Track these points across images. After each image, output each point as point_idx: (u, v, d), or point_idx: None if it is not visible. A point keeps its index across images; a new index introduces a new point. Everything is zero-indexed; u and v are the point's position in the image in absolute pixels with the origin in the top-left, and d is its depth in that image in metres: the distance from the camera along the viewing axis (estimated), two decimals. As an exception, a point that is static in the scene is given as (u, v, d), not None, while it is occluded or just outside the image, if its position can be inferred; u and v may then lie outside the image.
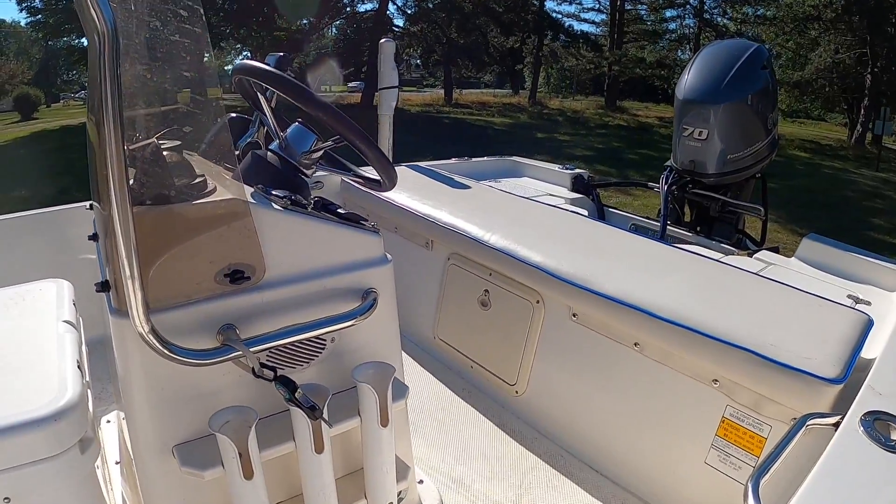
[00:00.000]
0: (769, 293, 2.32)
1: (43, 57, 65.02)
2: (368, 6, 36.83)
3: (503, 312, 2.87)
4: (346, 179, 2.33)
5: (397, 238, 3.38)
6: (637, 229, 4.13)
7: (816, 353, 1.94)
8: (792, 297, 2.29)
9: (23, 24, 50.44)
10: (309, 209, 1.77)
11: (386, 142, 4.20)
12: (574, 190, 4.49)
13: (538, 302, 2.70)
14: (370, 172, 2.16)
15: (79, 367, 1.58)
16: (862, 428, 1.57)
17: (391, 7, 36.27)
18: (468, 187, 3.64)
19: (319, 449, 1.67)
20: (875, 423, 1.58)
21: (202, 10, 1.64)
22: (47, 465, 1.36)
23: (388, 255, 1.94)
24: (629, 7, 43.19)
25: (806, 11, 34.07)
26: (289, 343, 1.71)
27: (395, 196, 3.25)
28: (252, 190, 1.72)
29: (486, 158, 5.00)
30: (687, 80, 3.96)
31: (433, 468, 2.52)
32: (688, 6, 40.98)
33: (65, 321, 1.82)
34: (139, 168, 1.53)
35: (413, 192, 3.38)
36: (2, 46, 69.48)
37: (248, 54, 40.36)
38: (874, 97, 32.03)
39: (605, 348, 2.46)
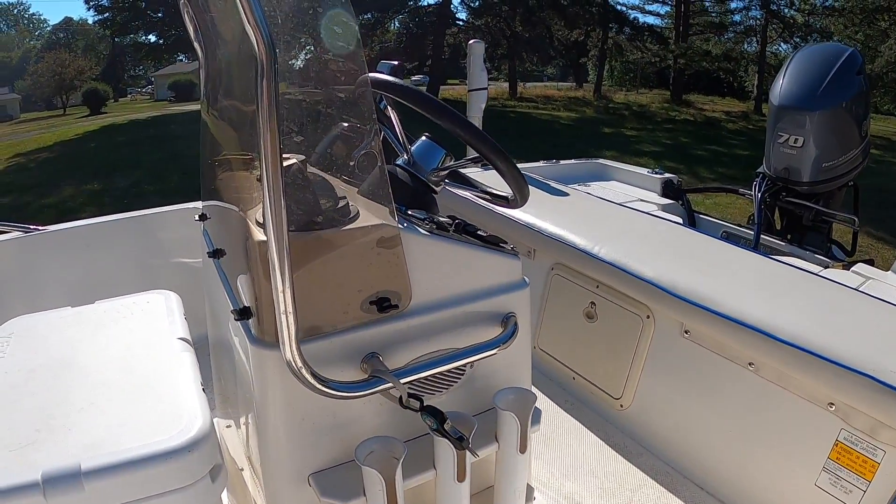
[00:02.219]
0: (883, 314, 2.27)
1: (110, 53, 66.36)
2: (432, 0, 36.82)
3: (610, 325, 2.84)
4: (465, 194, 2.29)
5: None
6: (729, 237, 4.08)
7: None
8: None
9: (90, 21, 51.49)
10: (451, 231, 1.75)
11: None
12: (664, 195, 4.46)
13: (648, 317, 2.67)
14: (495, 188, 2.14)
15: (203, 389, 1.59)
16: None
17: (455, 0, 36.31)
18: (567, 194, 3.61)
19: (461, 478, 1.65)
20: None
21: (357, 27, 1.62)
22: (179, 496, 1.36)
23: (527, 279, 1.92)
24: (694, -1, 42.69)
25: (875, 2, 33.51)
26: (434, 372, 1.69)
27: (493, 205, 3.21)
28: (387, 210, 1.69)
29: (573, 161, 4.95)
30: (782, 86, 3.90)
31: (543, 483, 2.51)
32: (754, -3, 40.30)
33: (180, 338, 1.83)
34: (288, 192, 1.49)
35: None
36: (70, 43, 71.01)
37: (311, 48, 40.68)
38: None
39: (718, 366, 2.43)
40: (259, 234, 1.48)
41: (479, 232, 1.83)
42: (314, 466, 1.64)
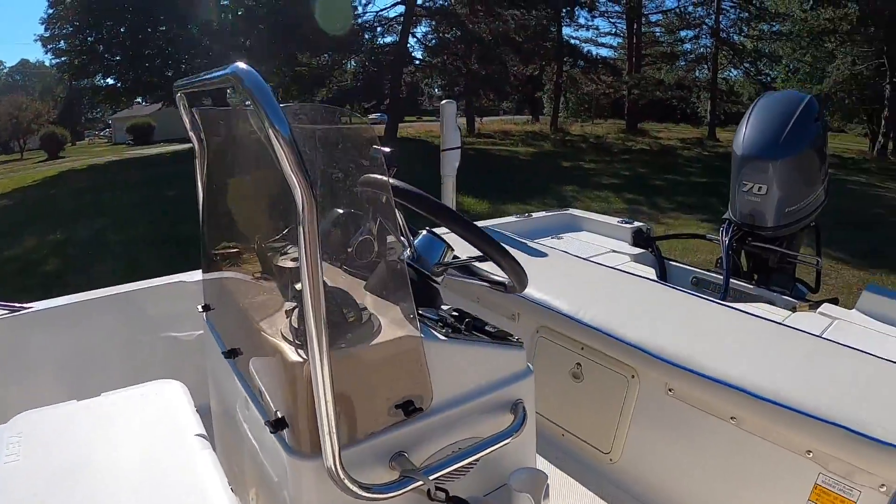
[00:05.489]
0: (851, 362, 2.40)
1: (67, 96, 65.67)
2: (388, 39, 36.96)
3: (596, 385, 2.91)
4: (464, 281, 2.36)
5: (480, 308, 3.38)
6: (699, 282, 4.20)
7: None
8: (873, 365, 2.37)
9: (48, 64, 50.93)
10: (463, 332, 1.84)
11: (450, 202, 4.21)
12: (635, 244, 4.57)
13: (633, 377, 2.75)
14: (492, 273, 2.22)
15: (232, 490, 1.66)
16: None
17: (411, 40, 36.48)
18: (545, 254, 3.68)
19: None
20: None
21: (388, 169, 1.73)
22: None
23: (531, 365, 2.02)
24: (645, 30, 43.44)
25: (821, 25, 34.33)
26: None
27: (475, 267, 3.28)
28: (399, 312, 1.76)
29: (544, 214, 5.00)
30: (745, 136, 4.03)
31: None
32: (704, 26, 41.17)
33: (197, 435, 1.87)
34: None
35: None
36: (27, 85, 70.25)
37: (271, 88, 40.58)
38: (894, 107, 32.23)
39: (701, 421, 2.52)
40: (293, 355, 1.56)
41: (487, 328, 1.94)
42: None
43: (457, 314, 1.97)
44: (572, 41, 42.34)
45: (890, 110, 32.60)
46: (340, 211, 2.12)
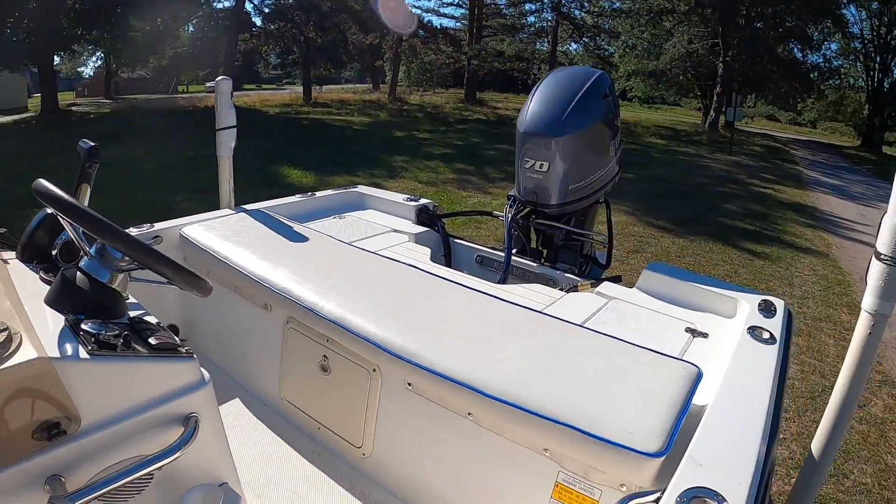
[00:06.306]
0: (603, 354, 2.36)
1: None
2: (226, 4, 36.15)
3: (342, 378, 2.83)
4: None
5: (237, 298, 3.29)
6: (483, 261, 4.14)
7: (641, 424, 1.97)
8: (625, 354, 2.34)
9: None
10: (119, 347, 1.69)
11: (227, 184, 4.03)
12: (419, 222, 4.49)
13: (374, 370, 2.68)
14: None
15: None
16: None
17: (248, 6, 35.74)
18: (307, 239, 3.55)
19: None
20: (692, 501, 1.61)
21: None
22: None
23: (206, 375, 1.91)
24: (488, 2, 44.01)
25: (660, 4, 36.23)
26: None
27: (234, 256, 3.13)
28: (62, 325, 1.67)
29: (330, 192, 4.80)
30: (528, 112, 3.97)
31: None
32: (546, 0, 42.14)
33: None
34: None
35: (251, 249, 3.28)
36: None
37: (102, 55, 39.07)
38: (726, 84, 34.36)
39: (441, 416, 2.46)
40: None
41: (150, 340, 1.80)
42: None
43: (128, 324, 1.84)
44: (413, 10, 42.58)
45: (721, 86, 34.69)
46: (49, 210, 1.95)
